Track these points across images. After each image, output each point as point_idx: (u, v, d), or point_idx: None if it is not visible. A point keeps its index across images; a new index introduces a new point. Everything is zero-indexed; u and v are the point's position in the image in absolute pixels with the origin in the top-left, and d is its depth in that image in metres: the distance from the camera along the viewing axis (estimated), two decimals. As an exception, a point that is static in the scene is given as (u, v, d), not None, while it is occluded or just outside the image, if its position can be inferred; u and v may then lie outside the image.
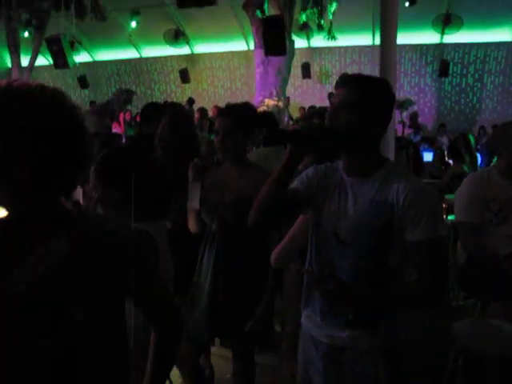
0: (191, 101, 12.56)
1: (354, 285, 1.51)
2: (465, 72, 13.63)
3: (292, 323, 2.13)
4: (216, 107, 11.92)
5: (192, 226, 2.51)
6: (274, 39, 8.82)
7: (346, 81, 1.58)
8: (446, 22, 11.70)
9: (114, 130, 10.22)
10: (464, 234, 2.84)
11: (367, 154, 1.59)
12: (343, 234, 1.58)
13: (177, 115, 3.06)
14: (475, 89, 13.73)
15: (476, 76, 13.67)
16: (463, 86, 13.77)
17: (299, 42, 12.62)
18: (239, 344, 2.39)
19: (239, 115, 2.42)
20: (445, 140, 10.22)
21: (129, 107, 13.99)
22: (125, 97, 9.97)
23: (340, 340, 1.62)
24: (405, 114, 10.72)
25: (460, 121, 13.50)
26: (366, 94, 1.53)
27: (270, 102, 10.43)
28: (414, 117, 11.26)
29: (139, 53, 15.71)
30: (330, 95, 12.59)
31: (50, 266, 1.02)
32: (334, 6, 10.64)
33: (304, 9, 10.98)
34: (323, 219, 1.64)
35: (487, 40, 13.03)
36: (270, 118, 4.03)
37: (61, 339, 1.04)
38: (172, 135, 2.93)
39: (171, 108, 3.19)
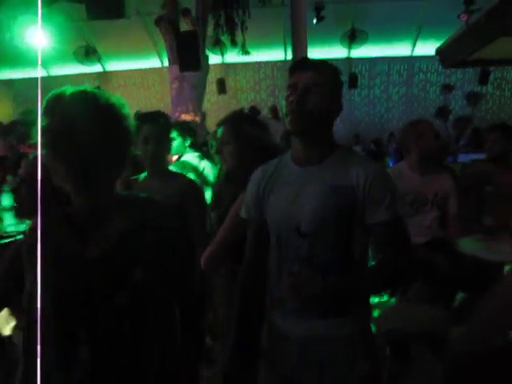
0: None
1: (324, 274, 1.49)
2: (372, 84, 14.41)
3: (225, 324, 2.09)
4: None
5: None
6: (188, 55, 8.82)
7: (308, 64, 1.56)
8: (352, 37, 12.31)
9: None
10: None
11: (325, 138, 1.58)
12: (305, 225, 1.54)
13: None
14: (382, 100, 14.55)
15: (382, 88, 14.49)
16: (371, 97, 14.54)
17: (214, 58, 12.70)
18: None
19: (168, 123, 2.41)
20: (359, 149, 10.69)
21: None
22: (32, 118, 9.49)
23: (316, 332, 1.58)
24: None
25: (371, 130, 14.20)
26: (328, 77, 1.54)
27: (186, 118, 10.37)
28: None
29: (47, 71, 15.07)
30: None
31: (116, 237, 1.30)
32: (245, 21, 10.84)
33: (217, 25, 11.09)
34: (279, 215, 1.60)
35: (390, 54, 13.89)
36: (190, 127, 4.10)
37: (128, 295, 1.28)
38: None
39: None
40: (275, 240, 1.62)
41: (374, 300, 2.72)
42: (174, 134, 3.27)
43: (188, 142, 3.85)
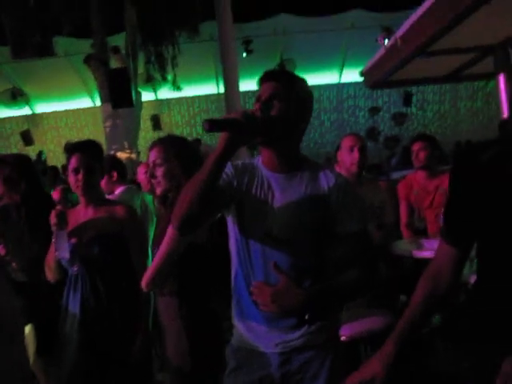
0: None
1: (298, 281, 1.49)
2: (304, 111, 14.90)
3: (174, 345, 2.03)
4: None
5: (51, 275, 2.34)
6: (120, 91, 8.79)
7: (274, 75, 1.56)
8: (281, 67, 12.72)
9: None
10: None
11: (293, 150, 1.58)
12: (276, 231, 1.52)
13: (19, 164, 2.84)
14: (315, 126, 15.03)
15: (314, 114, 14.96)
16: (304, 124, 15.01)
17: (146, 95, 12.72)
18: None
19: (98, 151, 2.37)
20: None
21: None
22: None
23: (293, 342, 1.55)
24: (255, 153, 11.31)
25: (306, 155, 14.59)
26: (295, 87, 1.53)
27: (122, 155, 10.26)
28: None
29: (-29, 116, 14.51)
30: None
31: None
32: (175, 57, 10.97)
33: (148, 62, 11.17)
34: (250, 219, 1.56)
35: (319, 82, 14.45)
36: (119, 161, 4.09)
37: None
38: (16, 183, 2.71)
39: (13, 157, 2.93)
40: (244, 244, 1.57)
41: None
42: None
43: (114, 177, 3.73)
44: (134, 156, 10.37)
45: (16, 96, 13.11)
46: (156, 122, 13.44)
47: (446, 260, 1.38)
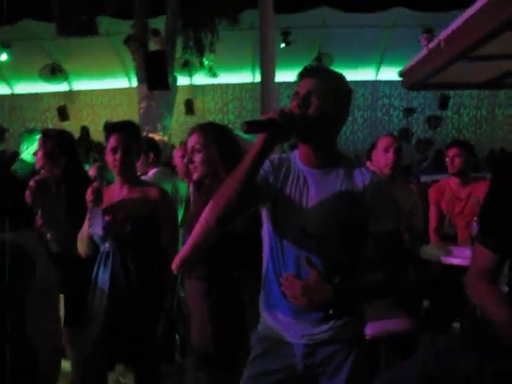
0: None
1: (329, 278, 1.50)
2: (337, 107, 14.78)
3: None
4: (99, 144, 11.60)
5: (83, 249, 2.40)
6: (157, 74, 8.89)
7: (312, 71, 1.57)
8: (318, 61, 12.64)
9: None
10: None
11: (330, 146, 1.59)
12: (311, 227, 1.53)
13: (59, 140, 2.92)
14: (348, 122, 14.81)
15: (347, 110, 14.89)
16: (336, 119, 14.90)
17: (182, 80, 12.80)
18: (143, 365, 2.28)
19: (136, 132, 2.42)
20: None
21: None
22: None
23: (319, 336, 1.57)
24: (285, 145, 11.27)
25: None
26: (333, 84, 1.54)
27: (155, 137, 10.39)
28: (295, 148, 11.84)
29: (11, 89, 14.84)
30: None
31: None
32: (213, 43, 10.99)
33: (186, 47, 11.23)
34: (285, 214, 1.58)
35: (355, 78, 14.28)
36: (155, 143, 4.17)
37: None
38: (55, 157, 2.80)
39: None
40: (278, 239, 1.58)
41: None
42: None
43: (150, 158, 3.81)
44: (166, 138, 10.49)
45: (55, 71, 13.36)
46: (189, 107, 13.54)
47: (486, 264, 1.41)
